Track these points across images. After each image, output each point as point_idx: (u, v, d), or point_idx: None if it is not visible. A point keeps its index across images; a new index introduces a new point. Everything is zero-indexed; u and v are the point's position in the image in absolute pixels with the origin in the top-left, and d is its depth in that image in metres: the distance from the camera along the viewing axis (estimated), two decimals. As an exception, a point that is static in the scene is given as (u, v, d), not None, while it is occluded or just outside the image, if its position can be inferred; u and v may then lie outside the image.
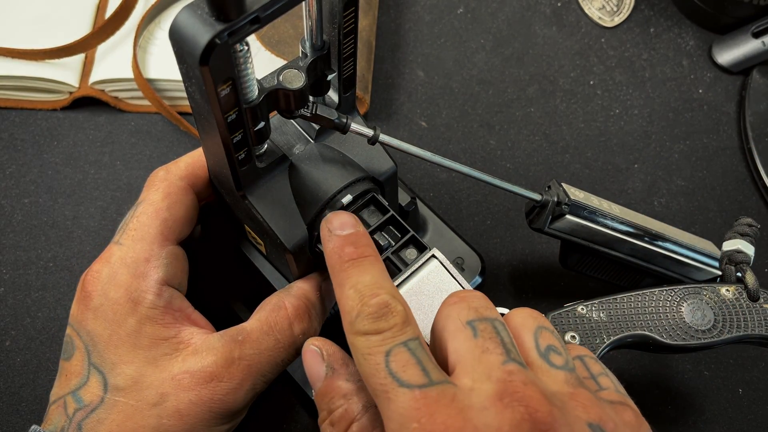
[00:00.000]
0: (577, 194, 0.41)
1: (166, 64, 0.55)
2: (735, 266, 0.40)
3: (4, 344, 0.47)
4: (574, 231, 0.42)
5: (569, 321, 0.37)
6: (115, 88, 0.55)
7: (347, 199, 0.35)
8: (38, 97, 0.55)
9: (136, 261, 0.35)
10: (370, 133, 0.36)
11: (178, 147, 0.55)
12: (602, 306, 0.37)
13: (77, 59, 0.55)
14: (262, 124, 0.33)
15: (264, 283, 0.41)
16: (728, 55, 0.61)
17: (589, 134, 0.58)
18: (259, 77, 0.32)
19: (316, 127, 0.37)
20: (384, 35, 0.61)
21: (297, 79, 0.33)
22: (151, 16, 0.57)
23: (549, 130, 0.58)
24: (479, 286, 0.49)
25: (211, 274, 0.43)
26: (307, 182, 0.36)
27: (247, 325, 0.36)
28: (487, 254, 0.51)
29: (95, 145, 0.54)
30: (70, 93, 0.55)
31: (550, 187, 0.42)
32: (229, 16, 0.25)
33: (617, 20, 0.63)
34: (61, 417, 0.33)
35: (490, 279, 0.50)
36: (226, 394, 0.34)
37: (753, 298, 0.38)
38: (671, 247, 0.43)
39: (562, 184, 0.42)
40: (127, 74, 0.54)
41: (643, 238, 0.42)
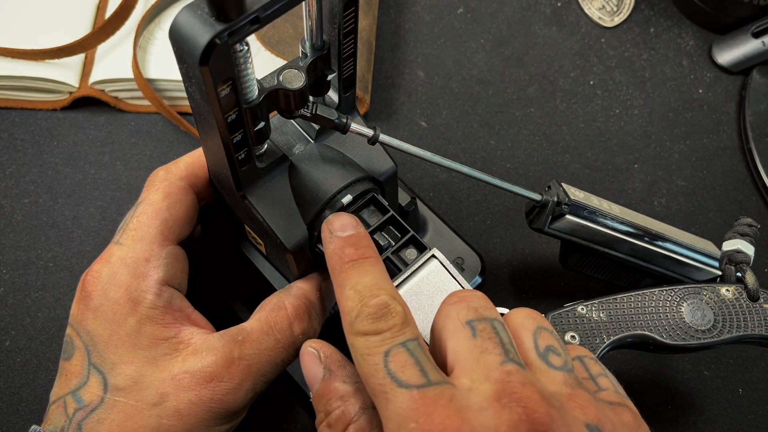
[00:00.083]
0: (577, 194, 0.41)
1: (166, 64, 0.55)
2: (735, 266, 0.40)
3: (4, 344, 0.47)
4: (574, 231, 0.42)
5: (569, 321, 0.37)
6: (115, 88, 0.55)
7: (347, 199, 0.35)
8: (38, 97, 0.55)
9: (136, 261, 0.35)
10: (370, 133, 0.36)
11: (178, 147, 0.55)
12: (602, 306, 0.37)
13: (77, 59, 0.55)
14: (262, 124, 0.33)
15: (264, 283, 0.41)
16: (728, 55, 0.61)
17: (589, 134, 0.58)
18: (259, 77, 0.32)
19: (316, 127, 0.37)
20: (384, 35, 0.61)
21: (297, 79, 0.33)
22: (151, 16, 0.57)
23: (549, 130, 0.58)
24: (479, 286, 0.49)
25: (211, 274, 0.43)
26: (307, 182, 0.36)
27: (247, 325, 0.36)
28: (487, 254, 0.51)
29: (95, 145, 0.54)
30: (70, 93, 0.55)
31: (550, 187, 0.42)
32: (229, 16, 0.25)
33: (617, 20, 0.63)
34: (61, 417, 0.33)
35: (490, 279, 0.50)
36: (226, 394, 0.34)
37: (753, 298, 0.38)
38: (671, 247, 0.43)
39: (562, 184, 0.42)
40: (127, 74, 0.54)
41: (643, 238, 0.42)
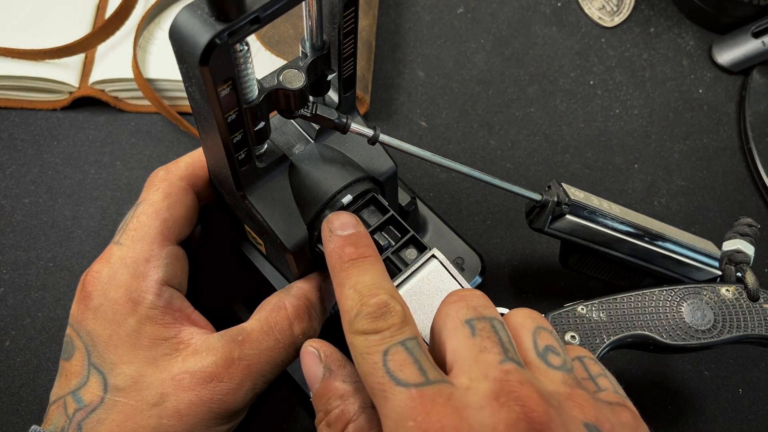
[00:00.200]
0: (577, 194, 0.41)
1: (166, 64, 0.55)
2: (735, 266, 0.40)
3: (4, 344, 0.47)
4: (574, 231, 0.42)
5: (569, 321, 0.37)
6: (115, 88, 0.55)
7: (347, 199, 0.35)
8: (38, 97, 0.55)
9: (136, 261, 0.35)
10: (370, 133, 0.36)
11: (178, 147, 0.55)
12: (602, 306, 0.37)
13: (77, 59, 0.55)
14: (262, 124, 0.33)
15: (264, 283, 0.41)
16: (728, 55, 0.61)
17: (589, 134, 0.58)
18: (259, 77, 0.32)
19: (316, 127, 0.37)
20: (384, 35, 0.61)
21: (297, 79, 0.33)
22: (151, 16, 0.57)
23: (549, 130, 0.58)
24: (479, 286, 0.49)
25: (211, 274, 0.43)
26: (307, 182, 0.36)
27: (247, 325, 0.36)
28: (487, 254, 0.51)
29: (95, 145, 0.54)
30: (70, 93, 0.55)
31: (550, 187, 0.42)
32: (229, 16, 0.25)
33: (617, 20, 0.63)
34: (61, 417, 0.33)
35: (490, 279, 0.50)
36: (226, 394, 0.34)
37: (753, 298, 0.38)
38: (671, 247, 0.43)
39: (562, 184, 0.42)
40: (127, 74, 0.54)
41: (643, 238, 0.42)
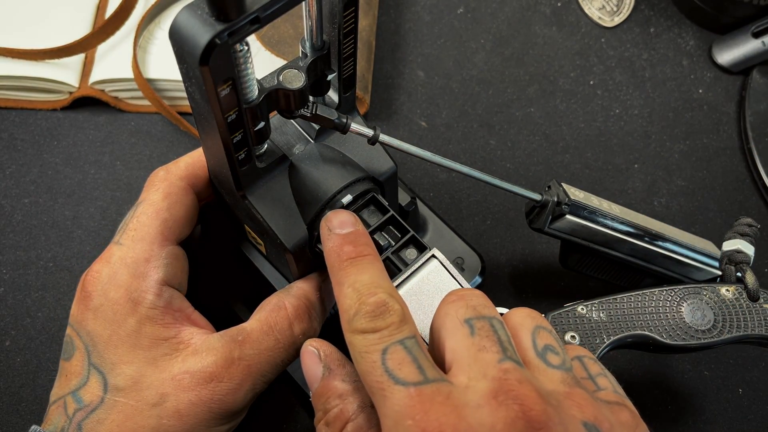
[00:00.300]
0: (577, 194, 0.41)
1: (166, 64, 0.55)
2: (735, 266, 0.40)
3: (4, 344, 0.47)
4: (574, 231, 0.42)
5: (569, 321, 0.37)
6: (115, 88, 0.55)
7: (347, 199, 0.35)
8: (38, 97, 0.55)
9: (136, 261, 0.35)
10: (370, 133, 0.36)
11: (178, 147, 0.55)
12: (602, 306, 0.37)
13: (77, 59, 0.55)
14: (262, 124, 0.33)
15: (264, 283, 0.41)
16: (728, 55, 0.61)
17: (589, 134, 0.58)
18: (259, 77, 0.32)
19: (316, 127, 0.37)
20: (384, 35, 0.61)
21: (297, 79, 0.33)
22: (151, 16, 0.57)
23: (549, 130, 0.58)
24: (479, 286, 0.49)
25: (211, 274, 0.43)
26: (307, 182, 0.36)
27: (247, 325, 0.36)
28: (487, 254, 0.51)
29: (95, 145, 0.54)
30: (70, 93, 0.55)
31: (550, 187, 0.42)
32: (229, 16, 0.25)
33: (617, 20, 0.63)
34: (61, 417, 0.33)
35: (490, 279, 0.50)
36: (225, 394, 0.34)
37: (753, 298, 0.38)
38: (671, 247, 0.43)
39: (562, 184, 0.42)
40: (127, 74, 0.54)
41: (643, 238, 0.42)
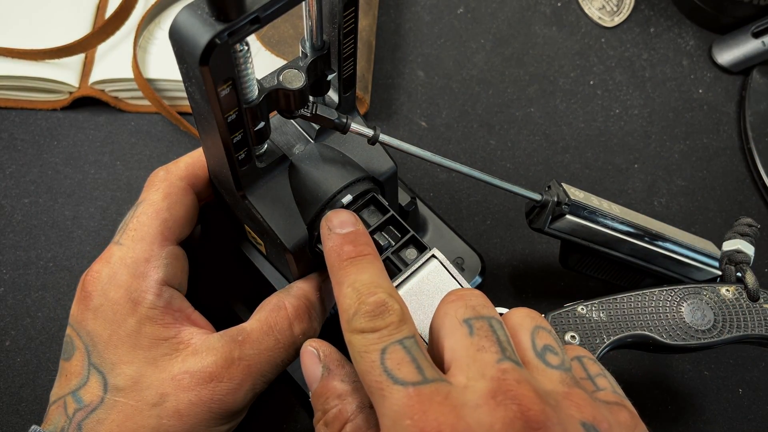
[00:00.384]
0: (577, 194, 0.41)
1: (166, 64, 0.55)
2: (735, 266, 0.40)
3: (4, 344, 0.47)
4: (574, 231, 0.42)
5: (569, 321, 0.37)
6: (115, 88, 0.55)
7: (347, 199, 0.35)
8: (38, 97, 0.55)
9: (136, 261, 0.35)
10: (370, 133, 0.36)
11: (178, 147, 0.55)
12: (602, 306, 0.37)
13: (77, 59, 0.55)
14: (262, 124, 0.33)
15: (264, 283, 0.41)
16: (728, 55, 0.61)
17: (589, 134, 0.58)
18: (259, 77, 0.32)
19: (316, 127, 0.37)
20: (384, 35, 0.61)
21: (297, 79, 0.33)
22: (151, 16, 0.57)
23: (549, 130, 0.58)
24: (479, 286, 0.49)
25: (211, 274, 0.43)
26: (307, 182, 0.36)
27: (247, 325, 0.36)
28: (487, 254, 0.51)
29: (95, 145, 0.54)
30: (70, 93, 0.55)
31: (550, 187, 0.42)
32: (229, 16, 0.25)
33: (617, 20, 0.63)
34: (61, 417, 0.33)
35: (490, 279, 0.50)
36: (225, 394, 0.34)
37: (753, 298, 0.38)
38: (671, 247, 0.43)
39: (562, 184, 0.42)
40: (127, 74, 0.54)
41: (643, 238, 0.42)
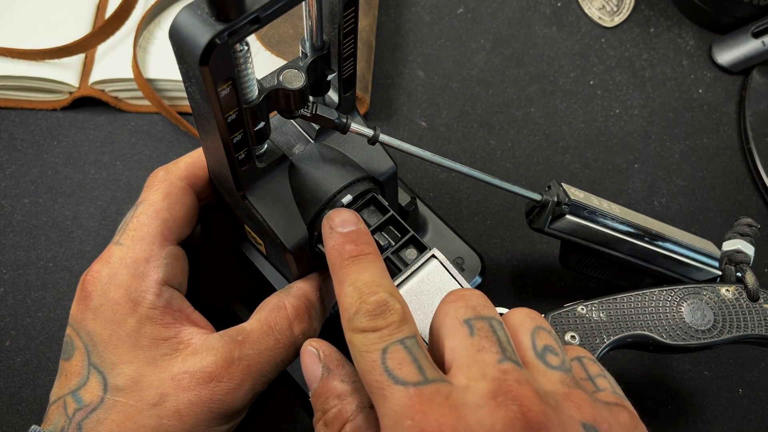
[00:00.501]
0: (577, 194, 0.41)
1: (166, 64, 0.55)
2: (735, 266, 0.40)
3: (4, 344, 0.47)
4: (574, 231, 0.42)
5: (569, 321, 0.37)
6: (115, 88, 0.55)
7: (347, 199, 0.35)
8: (38, 97, 0.55)
9: (136, 261, 0.35)
10: (370, 133, 0.36)
11: (178, 147, 0.55)
12: (602, 306, 0.37)
13: (77, 59, 0.55)
14: (262, 124, 0.33)
15: (264, 283, 0.41)
16: (728, 55, 0.61)
17: (589, 134, 0.58)
18: (259, 77, 0.32)
19: (316, 127, 0.37)
20: (384, 35, 0.61)
21: (297, 79, 0.33)
22: (151, 16, 0.57)
23: (549, 130, 0.58)
24: (479, 286, 0.49)
25: (211, 274, 0.43)
26: (307, 182, 0.36)
27: (247, 325, 0.36)
28: (487, 254, 0.51)
29: (95, 145, 0.54)
30: (70, 93, 0.55)
31: (550, 187, 0.42)
32: (229, 16, 0.25)
33: (617, 20, 0.63)
34: (60, 417, 0.33)
35: (490, 279, 0.50)
36: (225, 394, 0.34)
37: (753, 298, 0.38)
38: (671, 247, 0.43)
39: (562, 184, 0.42)
40: (127, 74, 0.54)
41: (643, 238, 0.42)
